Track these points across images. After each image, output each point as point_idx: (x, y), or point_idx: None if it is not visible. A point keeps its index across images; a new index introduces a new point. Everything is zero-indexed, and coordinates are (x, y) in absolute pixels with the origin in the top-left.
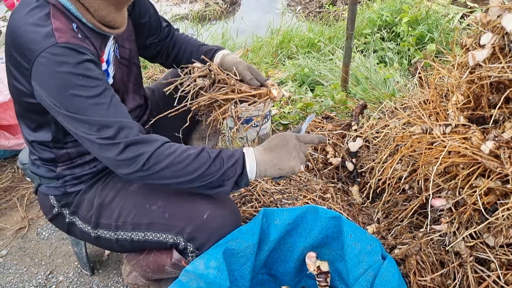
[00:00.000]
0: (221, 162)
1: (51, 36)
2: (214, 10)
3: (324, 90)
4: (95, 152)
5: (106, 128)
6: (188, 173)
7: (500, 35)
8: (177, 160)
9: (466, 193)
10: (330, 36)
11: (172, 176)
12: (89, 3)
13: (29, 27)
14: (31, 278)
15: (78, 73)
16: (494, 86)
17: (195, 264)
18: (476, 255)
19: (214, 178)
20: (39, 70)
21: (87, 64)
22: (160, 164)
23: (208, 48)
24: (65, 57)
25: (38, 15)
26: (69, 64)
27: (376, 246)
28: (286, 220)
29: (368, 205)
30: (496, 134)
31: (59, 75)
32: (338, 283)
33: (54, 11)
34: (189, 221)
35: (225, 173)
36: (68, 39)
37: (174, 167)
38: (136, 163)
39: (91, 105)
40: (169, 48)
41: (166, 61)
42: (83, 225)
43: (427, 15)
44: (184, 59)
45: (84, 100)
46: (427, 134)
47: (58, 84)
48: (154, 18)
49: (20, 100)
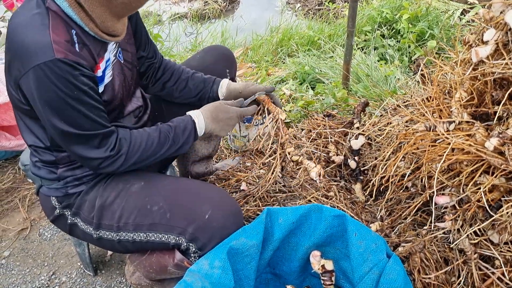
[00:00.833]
0: (181, 137)
1: (49, 49)
2: (213, 8)
3: (325, 88)
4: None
5: (92, 135)
6: (156, 158)
7: (504, 31)
8: (146, 154)
9: (470, 190)
10: (330, 33)
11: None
12: (96, 14)
13: (26, 37)
14: (34, 279)
15: (74, 87)
16: (498, 83)
17: (199, 264)
18: (481, 252)
19: (174, 150)
20: (34, 80)
21: (82, 78)
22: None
23: (204, 76)
24: (61, 71)
25: (37, 23)
26: (64, 78)
27: (381, 245)
28: (290, 219)
29: (371, 203)
30: (500, 130)
31: (54, 87)
32: (343, 282)
33: (54, 19)
34: (191, 221)
35: (183, 145)
36: (66, 55)
37: (145, 160)
38: (116, 165)
39: (81, 116)
40: (157, 72)
41: (153, 85)
42: (85, 226)
43: (427, 12)
44: (178, 84)
45: (77, 114)
46: (430, 131)
47: (52, 95)
48: (144, 32)
49: (14, 103)
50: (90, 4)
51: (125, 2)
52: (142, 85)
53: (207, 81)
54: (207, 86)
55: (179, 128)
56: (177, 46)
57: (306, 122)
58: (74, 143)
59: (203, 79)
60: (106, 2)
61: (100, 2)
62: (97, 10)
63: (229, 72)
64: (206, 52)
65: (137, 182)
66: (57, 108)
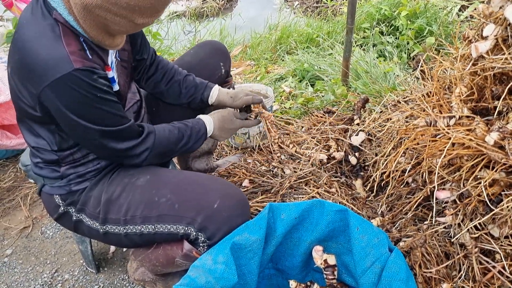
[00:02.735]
0: (194, 138)
1: (67, 61)
2: (211, 6)
3: (324, 85)
4: (104, 155)
5: (122, 134)
6: (173, 154)
7: (503, 26)
8: (167, 148)
9: (470, 184)
10: (329, 30)
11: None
12: (93, 35)
13: (43, 50)
14: (37, 277)
15: (97, 89)
16: (498, 78)
17: (203, 260)
18: (481, 246)
19: (185, 149)
20: (57, 92)
21: (101, 80)
22: (157, 156)
23: (196, 81)
24: (84, 79)
25: (50, 36)
26: (87, 84)
27: (383, 239)
28: (293, 214)
29: (372, 199)
30: (501, 125)
31: (80, 94)
32: (345, 276)
33: (64, 30)
34: (199, 210)
35: (193, 146)
36: (83, 63)
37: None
38: (142, 159)
39: (108, 114)
40: (149, 69)
41: (146, 83)
42: (90, 222)
43: (425, 8)
44: (170, 85)
45: (105, 113)
46: (431, 126)
47: (79, 102)
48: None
49: (21, 108)
50: (87, 25)
51: (123, 30)
52: (136, 80)
53: (198, 87)
54: (198, 92)
55: (194, 130)
56: (176, 44)
57: (306, 119)
58: (105, 139)
59: (194, 83)
60: (103, 26)
61: (98, 25)
62: (94, 32)
63: (223, 65)
64: (200, 47)
65: (142, 176)
66: (85, 112)
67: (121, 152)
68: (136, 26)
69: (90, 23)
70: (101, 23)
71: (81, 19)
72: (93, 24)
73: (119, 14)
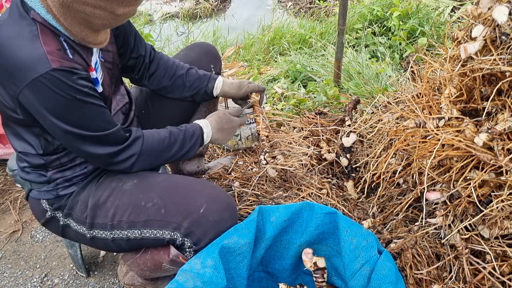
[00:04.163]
0: (188, 142)
1: (45, 61)
2: (204, 7)
3: (316, 86)
4: (93, 161)
5: (105, 139)
6: (165, 160)
7: (492, 28)
8: (156, 154)
9: (460, 185)
10: (322, 31)
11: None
12: (76, 31)
13: (19, 50)
14: (26, 282)
15: (76, 91)
16: (486, 79)
17: (191, 264)
18: (472, 247)
19: (181, 155)
20: (35, 93)
21: (81, 81)
22: (146, 162)
23: (199, 73)
24: (62, 79)
25: (27, 36)
26: (66, 84)
27: (372, 241)
28: (282, 217)
29: (363, 200)
30: (489, 126)
31: (58, 95)
32: (335, 279)
33: (42, 30)
34: (186, 216)
35: (189, 151)
36: (61, 63)
37: (156, 159)
38: (129, 164)
39: (89, 118)
40: (149, 67)
41: (148, 81)
42: (78, 227)
43: (417, 9)
44: (173, 81)
45: (85, 116)
46: (420, 127)
47: (57, 104)
48: (126, 28)
49: (3, 112)
50: (69, 23)
51: (105, 23)
52: (135, 80)
53: (202, 79)
54: (202, 84)
55: (188, 133)
56: (169, 45)
57: (298, 120)
58: (86, 144)
59: (198, 76)
60: (85, 22)
61: (79, 21)
62: (76, 28)
63: (214, 67)
64: (190, 49)
65: (130, 180)
66: (64, 114)
67: (105, 158)
68: (117, 17)
69: (71, 20)
70: (82, 18)
71: (61, 17)
72: (74, 20)
73: (97, 6)
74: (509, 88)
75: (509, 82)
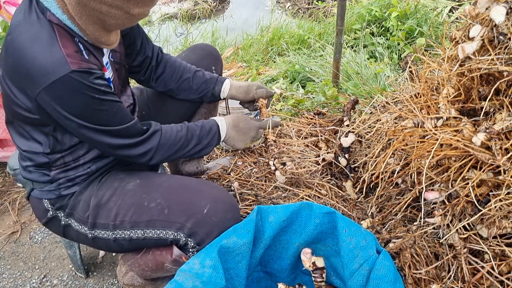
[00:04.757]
0: (205, 138)
1: (64, 63)
2: (203, 8)
3: (315, 86)
4: (113, 153)
5: (124, 132)
6: (183, 154)
7: (489, 28)
8: (174, 147)
9: (458, 185)
10: (320, 32)
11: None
12: (90, 31)
13: (39, 53)
14: (25, 283)
15: (94, 90)
16: (484, 78)
17: (190, 264)
18: (470, 246)
19: (198, 150)
20: (55, 95)
21: (98, 80)
22: (164, 155)
23: (206, 76)
24: (81, 80)
25: (46, 39)
26: (84, 85)
27: (371, 241)
28: (281, 217)
29: (362, 200)
30: (487, 126)
31: (78, 96)
32: (334, 279)
33: (59, 32)
34: (189, 216)
35: (206, 147)
36: (80, 65)
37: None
38: (148, 158)
39: (109, 114)
40: (156, 69)
41: (155, 83)
42: (79, 227)
43: (416, 9)
44: (180, 83)
45: (104, 113)
46: (418, 127)
47: (77, 104)
48: (135, 30)
49: (14, 111)
50: (83, 22)
51: (119, 23)
52: (142, 81)
53: (209, 82)
54: (209, 87)
55: (205, 129)
56: (168, 46)
57: (296, 121)
58: (108, 137)
59: (205, 79)
60: (99, 21)
61: (94, 20)
62: (90, 27)
63: (215, 69)
64: (191, 50)
65: (132, 180)
66: (84, 113)
67: (125, 149)
68: (132, 17)
69: (86, 19)
70: (97, 18)
71: (77, 16)
72: (89, 19)
73: (114, 5)
74: (507, 87)
75: (507, 82)
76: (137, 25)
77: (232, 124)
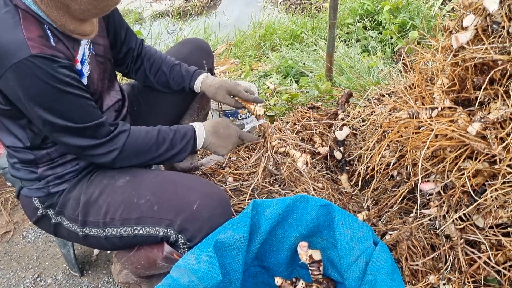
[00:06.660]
0: (179, 143)
1: (25, 47)
2: (195, 5)
3: (309, 81)
4: (83, 155)
5: (88, 132)
6: (152, 158)
7: (483, 17)
8: (141, 150)
9: (454, 176)
10: (313, 27)
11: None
12: (54, 17)
13: (1, 36)
14: (19, 283)
15: (55, 80)
16: (478, 68)
17: (186, 259)
18: (467, 237)
19: (171, 155)
20: (15, 79)
21: (62, 70)
22: (129, 158)
23: (183, 71)
24: (42, 66)
25: (9, 22)
26: (45, 72)
27: (368, 232)
28: (276, 210)
29: (358, 193)
30: (482, 115)
31: (37, 82)
32: (331, 271)
33: (25, 16)
34: (179, 212)
35: (180, 152)
36: (42, 50)
37: (141, 156)
38: (109, 159)
39: (69, 108)
40: (135, 61)
41: (136, 75)
42: (70, 225)
43: (408, 3)
44: (158, 77)
45: (65, 106)
46: (413, 118)
47: (36, 91)
48: (118, 21)
49: None
50: (46, 7)
51: (83, 8)
52: (125, 74)
53: (185, 77)
54: (186, 82)
55: (179, 133)
56: (160, 43)
57: (290, 115)
58: (65, 134)
59: (181, 74)
60: (63, 6)
61: (57, 6)
62: (54, 13)
63: (206, 63)
64: (183, 44)
65: (122, 177)
66: (43, 103)
67: (83, 149)
68: (96, 2)
69: (48, 3)
70: (59, 2)
71: (39, 0)
72: (51, 4)
73: None
74: (501, 77)
75: (501, 71)
76: (119, 16)
77: (212, 130)
